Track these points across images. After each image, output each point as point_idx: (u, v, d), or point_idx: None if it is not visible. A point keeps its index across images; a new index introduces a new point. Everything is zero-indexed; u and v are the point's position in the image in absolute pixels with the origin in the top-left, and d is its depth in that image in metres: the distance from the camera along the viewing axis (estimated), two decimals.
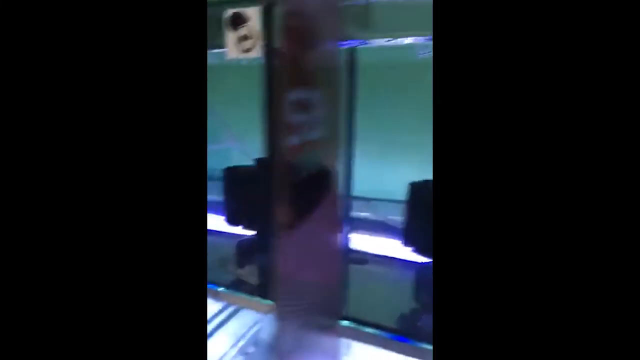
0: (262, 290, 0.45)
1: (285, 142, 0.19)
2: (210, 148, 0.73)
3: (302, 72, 0.20)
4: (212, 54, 0.67)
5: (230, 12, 0.37)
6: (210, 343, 0.40)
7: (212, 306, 0.46)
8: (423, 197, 0.46)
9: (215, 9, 0.45)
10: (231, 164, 0.58)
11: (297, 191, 0.21)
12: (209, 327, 0.43)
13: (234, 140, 0.70)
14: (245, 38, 0.36)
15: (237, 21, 0.37)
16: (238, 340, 0.40)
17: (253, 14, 0.36)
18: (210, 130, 0.72)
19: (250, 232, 0.54)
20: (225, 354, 0.38)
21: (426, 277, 0.46)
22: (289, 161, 0.20)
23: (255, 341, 0.40)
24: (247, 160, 0.66)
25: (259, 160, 0.52)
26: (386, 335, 0.36)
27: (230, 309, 0.46)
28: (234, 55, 0.37)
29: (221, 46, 0.51)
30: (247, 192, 0.51)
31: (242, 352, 0.38)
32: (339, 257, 0.32)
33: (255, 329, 0.42)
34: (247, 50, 0.37)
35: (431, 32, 0.36)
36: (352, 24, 0.46)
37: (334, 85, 0.25)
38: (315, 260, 0.27)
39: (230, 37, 0.37)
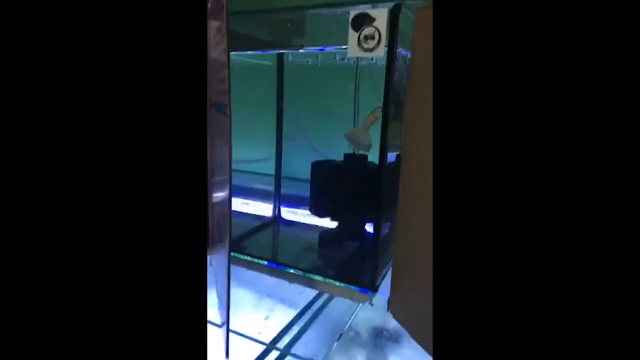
0: (352, 278, 0.47)
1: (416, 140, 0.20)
2: (286, 144, 0.75)
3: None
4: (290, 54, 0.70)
5: (354, 12, 0.39)
6: (312, 330, 0.42)
7: (306, 293, 0.48)
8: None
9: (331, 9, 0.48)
10: (311, 159, 0.60)
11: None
12: (310, 313, 0.45)
13: (306, 136, 0.72)
14: (369, 38, 0.38)
15: (362, 21, 0.38)
16: (338, 327, 0.42)
17: (380, 15, 0.37)
18: (289, 127, 0.75)
19: (334, 224, 0.56)
20: (326, 340, 0.40)
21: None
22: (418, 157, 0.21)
23: (356, 327, 0.42)
24: (318, 156, 0.68)
25: (347, 156, 0.54)
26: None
27: (324, 297, 0.48)
28: (355, 54, 0.39)
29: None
30: (334, 186, 0.53)
31: (343, 346, 0.40)
32: None
33: (355, 317, 0.44)
34: (369, 49, 0.38)
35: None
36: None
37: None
38: None
39: (353, 36, 0.39)
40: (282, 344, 0.39)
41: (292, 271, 0.50)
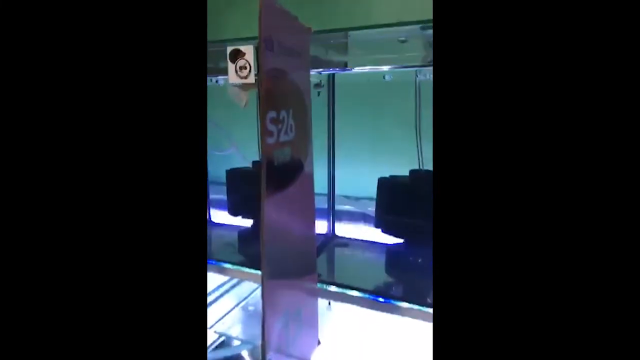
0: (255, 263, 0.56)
1: (266, 143, 0.30)
2: (216, 154, 0.84)
3: (275, 97, 0.31)
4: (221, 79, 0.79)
5: (230, 48, 0.49)
6: (218, 304, 0.51)
7: (219, 278, 0.58)
8: (388, 187, 0.58)
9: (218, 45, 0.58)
10: (233, 167, 0.70)
11: (275, 172, 0.32)
12: (217, 293, 0.54)
13: (236, 147, 0.81)
14: (242, 68, 0.48)
15: (236, 55, 0.48)
16: (240, 301, 0.52)
17: (248, 50, 0.47)
18: (216, 140, 0.83)
19: (248, 221, 0.65)
20: (230, 311, 0.49)
21: (392, 255, 0.59)
22: (269, 155, 0.30)
23: (254, 301, 0.52)
24: (247, 164, 0.77)
25: (254, 163, 0.64)
26: (364, 295, 0.47)
27: (234, 281, 0.57)
28: (234, 81, 0.49)
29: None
30: (245, 189, 0.63)
31: (244, 309, 0.50)
32: (313, 227, 0.43)
33: (254, 293, 0.53)
34: (244, 77, 0.48)
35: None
36: (334, 52, 0.59)
37: (302, 103, 0.37)
38: (294, 228, 0.37)
39: (231, 67, 0.49)
40: None
41: (209, 262, 0.59)
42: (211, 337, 0.45)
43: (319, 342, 0.43)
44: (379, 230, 0.60)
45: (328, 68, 0.57)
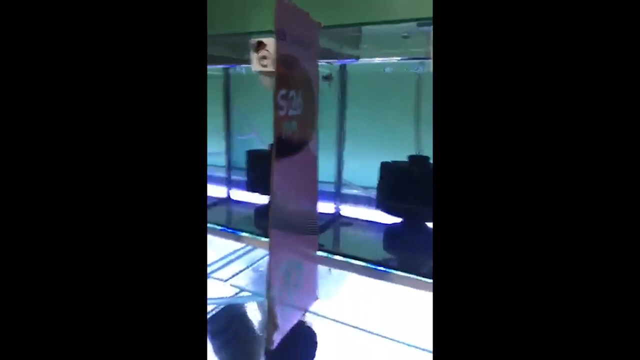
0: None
1: (277, 115, 0.36)
2: (238, 138, 0.91)
3: (286, 78, 0.38)
4: (244, 68, 0.87)
5: (254, 40, 0.55)
6: (234, 264, 0.59)
7: (236, 245, 0.65)
8: (390, 171, 0.64)
9: (245, 37, 0.64)
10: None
11: (284, 143, 0.37)
12: (233, 256, 0.61)
13: (256, 132, 0.89)
14: (264, 58, 0.55)
15: (259, 46, 0.55)
16: (253, 263, 0.59)
17: (269, 41, 0.54)
18: (238, 125, 0.92)
19: (264, 198, 0.72)
20: (243, 269, 0.57)
21: (391, 232, 0.64)
22: (279, 126, 0.37)
23: (265, 264, 0.59)
24: (264, 146, 0.84)
25: (270, 145, 0.71)
26: (364, 264, 0.53)
27: (248, 247, 0.65)
28: (257, 69, 0.56)
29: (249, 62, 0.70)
30: (262, 169, 0.70)
31: (256, 270, 0.57)
32: (316, 197, 0.49)
33: (266, 257, 0.60)
34: (265, 66, 0.55)
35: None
36: (345, 45, 0.65)
37: (310, 89, 0.43)
38: (298, 192, 0.44)
39: (254, 56, 0.56)
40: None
41: (229, 231, 0.66)
42: (229, 289, 0.52)
43: (317, 298, 0.49)
44: (380, 210, 0.66)
45: (337, 59, 0.63)
